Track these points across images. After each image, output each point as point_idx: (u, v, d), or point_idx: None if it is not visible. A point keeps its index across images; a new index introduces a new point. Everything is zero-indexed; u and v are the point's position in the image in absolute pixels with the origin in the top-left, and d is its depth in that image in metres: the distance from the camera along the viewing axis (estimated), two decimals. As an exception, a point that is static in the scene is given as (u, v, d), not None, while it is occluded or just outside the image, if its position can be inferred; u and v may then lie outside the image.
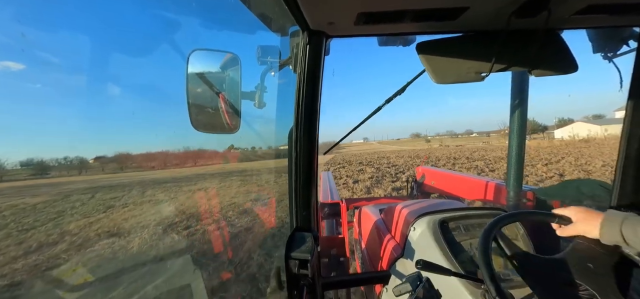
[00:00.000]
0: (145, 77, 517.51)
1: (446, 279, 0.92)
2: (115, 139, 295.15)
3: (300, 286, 0.91)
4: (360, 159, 32.64)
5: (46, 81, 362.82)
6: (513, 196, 1.70)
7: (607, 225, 0.79)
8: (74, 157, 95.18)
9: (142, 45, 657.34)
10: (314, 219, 1.03)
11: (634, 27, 1.00)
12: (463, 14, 0.79)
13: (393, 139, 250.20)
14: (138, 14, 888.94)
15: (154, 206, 9.69)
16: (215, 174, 22.14)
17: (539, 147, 32.62)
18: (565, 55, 0.90)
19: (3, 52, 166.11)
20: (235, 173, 19.11)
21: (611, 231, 0.78)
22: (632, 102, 1.03)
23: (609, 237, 0.79)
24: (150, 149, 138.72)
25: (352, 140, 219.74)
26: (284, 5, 0.72)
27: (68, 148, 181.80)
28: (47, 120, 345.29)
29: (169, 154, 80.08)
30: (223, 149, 57.12)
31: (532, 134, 77.66)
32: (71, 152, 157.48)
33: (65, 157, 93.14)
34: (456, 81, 0.88)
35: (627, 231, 0.75)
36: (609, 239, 0.79)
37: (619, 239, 0.76)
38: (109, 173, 43.33)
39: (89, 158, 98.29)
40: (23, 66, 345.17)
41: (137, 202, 10.65)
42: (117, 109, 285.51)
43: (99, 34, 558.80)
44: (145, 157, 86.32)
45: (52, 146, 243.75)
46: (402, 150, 59.78)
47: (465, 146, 65.61)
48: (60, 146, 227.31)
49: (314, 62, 0.91)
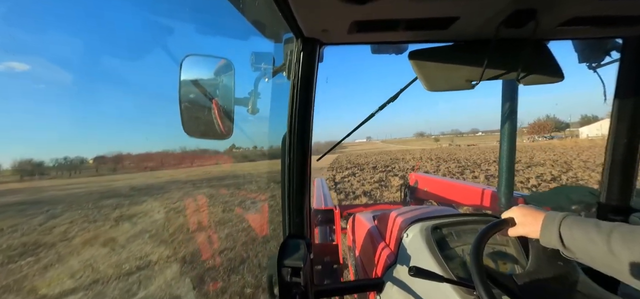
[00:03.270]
0: (138, 82, 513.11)
1: (438, 285, 0.92)
2: (108, 141, 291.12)
3: (292, 294, 0.90)
4: (370, 160, 28.23)
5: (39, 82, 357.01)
6: (504, 203, 1.73)
7: (546, 227, 0.72)
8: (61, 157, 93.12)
9: (135, 51, 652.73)
10: (306, 225, 1.02)
11: (617, 38, 1.03)
12: (454, 24, 0.81)
13: (397, 138, 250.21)
14: (131, 19, 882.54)
15: (145, 214, 8.99)
16: (205, 179, 20.18)
17: (566, 148, 29.14)
18: (551, 64, 0.93)
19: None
20: (228, 178, 18.09)
21: (550, 234, 0.71)
22: (616, 110, 1.06)
23: (548, 239, 0.72)
24: (141, 150, 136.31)
25: (355, 139, 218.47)
26: (278, 13, 0.72)
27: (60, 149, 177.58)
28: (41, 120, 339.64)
29: (165, 155, 78.91)
30: (216, 154, 56.55)
31: (553, 132, 75.72)
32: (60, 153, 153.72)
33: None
34: (447, 89, 0.90)
35: (565, 233, 0.68)
36: (548, 242, 0.73)
37: (558, 243, 0.69)
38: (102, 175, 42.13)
39: (87, 159, 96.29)
40: (16, 69, 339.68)
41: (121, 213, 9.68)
42: (110, 112, 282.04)
43: (91, 40, 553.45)
44: (140, 158, 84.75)
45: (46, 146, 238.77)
46: (410, 150, 54.49)
47: (478, 145, 61.16)
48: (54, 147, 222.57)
49: (307, 69, 0.91)
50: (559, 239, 0.69)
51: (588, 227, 0.65)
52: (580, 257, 0.67)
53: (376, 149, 75.48)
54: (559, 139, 56.12)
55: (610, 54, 1.08)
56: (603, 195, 1.13)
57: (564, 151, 25.58)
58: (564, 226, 0.68)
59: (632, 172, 1.08)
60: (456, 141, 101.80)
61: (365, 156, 40.76)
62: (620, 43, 1.04)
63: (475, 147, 48.73)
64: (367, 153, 51.16)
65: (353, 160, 31.24)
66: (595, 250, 0.62)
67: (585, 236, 0.64)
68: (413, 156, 32.63)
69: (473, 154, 29.39)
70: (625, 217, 1.09)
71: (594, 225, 0.64)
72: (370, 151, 63.62)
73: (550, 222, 0.72)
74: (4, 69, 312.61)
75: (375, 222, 1.74)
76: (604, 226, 0.63)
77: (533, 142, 64.30)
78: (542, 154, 23.86)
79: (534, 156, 22.17)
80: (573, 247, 0.67)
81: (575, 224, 0.67)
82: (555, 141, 42.24)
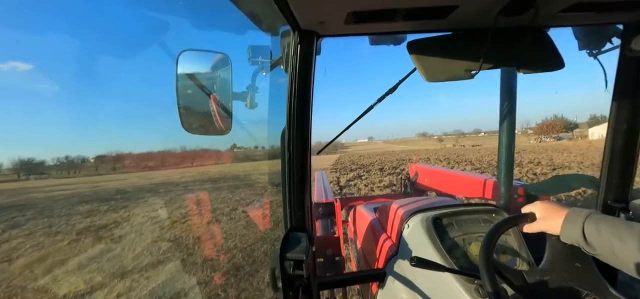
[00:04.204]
0: (134, 78, 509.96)
1: (440, 275, 0.93)
2: (106, 140, 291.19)
3: (295, 287, 0.91)
4: (374, 160, 26.22)
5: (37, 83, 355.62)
6: (504, 192, 1.73)
7: (569, 222, 0.74)
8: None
9: (130, 46, 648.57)
10: (308, 219, 1.03)
11: (618, 24, 1.02)
12: (452, 13, 0.80)
13: (399, 139, 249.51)
14: (126, 15, 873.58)
15: (150, 209, 8.84)
16: (206, 174, 19.51)
17: (582, 149, 26.79)
18: (551, 52, 0.92)
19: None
20: (228, 175, 18.00)
21: (573, 228, 0.72)
22: (616, 98, 1.06)
23: (569, 235, 0.73)
24: (142, 149, 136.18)
25: (357, 139, 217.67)
26: (274, 5, 0.72)
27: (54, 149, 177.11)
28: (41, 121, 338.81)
29: (164, 154, 78.78)
30: (217, 150, 56.40)
31: (562, 132, 72.73)
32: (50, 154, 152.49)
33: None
34: (446, 79, 0.89)
35: (590, 229, 0.69)
36: (569, 238, 0.73)
37: (580, 239, 0.70)
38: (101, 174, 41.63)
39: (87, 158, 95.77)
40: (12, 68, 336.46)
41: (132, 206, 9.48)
42: (107, 110, 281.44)
43: (85, 36, 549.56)
44: (139, 157, 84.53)
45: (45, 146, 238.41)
46: (415, 150, 52.07)
47: (483, 145, 59.94)
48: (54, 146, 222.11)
49: (305, 61, 0.90)
50: (581, 234, 0.70)
51: (617, 224, 0.66)
52: (602, 253, 0.68)
53: (379, 150, 73.56)
54: (568, 140, 54.71)
55: (611, 41, 1.07)
56: (603, 181, 1.14)
57: (581, 152, 23.81)
58: (590, 222, 0.69)
59: (633, 158, 1.08)
60: (461, 142, 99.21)
61: (369, 156, 38.93)
62: (621, 29, 1.03)
63: (482, 148, 47.18)
64: (370, 153, 49.03)
65: (356, 160, 29.68)
66: (623, 247, 0.63)
67: (614, 233, 0.65)
68: (420, 156, 30.65)
69: (485, 155, 27.76)
70: (625, 204, 1.09)
71: (624, 223, 0.66)
72: (372, 151, 61.03)
73: (574, 218, 0.73)
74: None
75: (376, 214, 1.74)
76: (636, 225, 0.64)
77: (539, 143, 62.53)
78: (560, 155, 21.84)
79: (552, 158, 19.65)
80: (596, 243, 0.68)
81: (602, 220, 0.68)
82: (566, 141, 40.97)
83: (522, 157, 21.35)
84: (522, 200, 1.71)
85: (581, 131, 69.78)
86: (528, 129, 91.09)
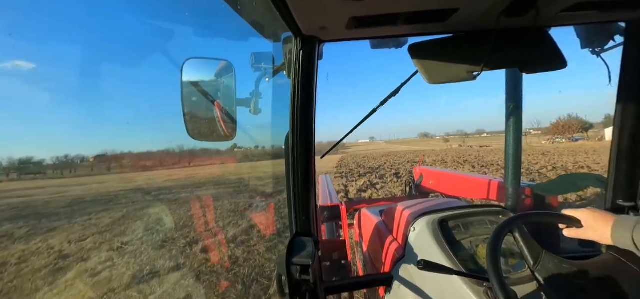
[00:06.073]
0: (138, 86, 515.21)
1: (447, 278, 0.92)
2: (111, 144, 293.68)
3: (302, 292, 0.91)
4: (382, 162, 24.14)
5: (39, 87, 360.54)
6: (512, 193, 1.71)
7: (618, 229, 0.76)
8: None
9: (135, 55, 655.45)
10: (313, 223, 1.03)
11: (620, 22, 1.02)
12: (453, 15, 0.80)
13: (401, 139, 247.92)
14: (130, 23, 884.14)
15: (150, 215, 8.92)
16: (210, 180, 19.49)
17: (607, 150, 24.21)
18: (554, 52, 0.91)
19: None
20: (232, 179, 18.10)
21: (623, 235, 0.75)
22: (621, 95, 1.04)
23: (621, 241, 0.76)
24: (145, 153, 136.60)
25: (358, 140, 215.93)
26: (276, 12, 0.73)
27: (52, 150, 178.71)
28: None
29: (162, 156, 78.77)
30: (221, 154, 56.32)
31: (577, 133, 70.35)
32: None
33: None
34: (449, 81, 0.89)
35: (639, 236, 0.71)
36: (621, 244, 0.76)
37: (630, 244, 0.73)
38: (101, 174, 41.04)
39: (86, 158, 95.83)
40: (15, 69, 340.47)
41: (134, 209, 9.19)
42: (111, 117, 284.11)
43: (91, 44, 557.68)
44: (139, 158, 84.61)
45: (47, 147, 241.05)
46: (424, 151, 50.11)
47: (491, 146, 58.45)
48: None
49: (307, 66, 0.91)
50: (632, 241, 0.72)
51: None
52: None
53: (381, 150, 71.52)
54: (583, 140, 52.86)
55: (614, 39, 1.06)
56: (611, 181, 1.12)
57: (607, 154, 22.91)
58: (638, 229, 0.72)
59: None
60: (467, 142, 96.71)
61: (374, 158, 35.95)
62: (624, 27, 1.02)
63: (489, 149, 44.81)
64: (374, 154, 46.55)
65: (361, 162, 27.33)
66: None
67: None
68: (433, 158, 27.70)
69: (497, 157, 24.54)
70: (634, 203, 1.08)
71: None
72: (376, 152, 59.47)
73: (622, 226, 0.75)
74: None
75: (382, 217, 1.74)
76: None
77: (552, 143, 60.52)
78: (585, 157, 19.58)
79: (577, 162, 16.53)
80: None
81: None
82: (584, 142, 39.02)
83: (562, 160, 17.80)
84: (530, 201, 1.69)
85: (597, 131, 67.79)
86: (538, 129, 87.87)
